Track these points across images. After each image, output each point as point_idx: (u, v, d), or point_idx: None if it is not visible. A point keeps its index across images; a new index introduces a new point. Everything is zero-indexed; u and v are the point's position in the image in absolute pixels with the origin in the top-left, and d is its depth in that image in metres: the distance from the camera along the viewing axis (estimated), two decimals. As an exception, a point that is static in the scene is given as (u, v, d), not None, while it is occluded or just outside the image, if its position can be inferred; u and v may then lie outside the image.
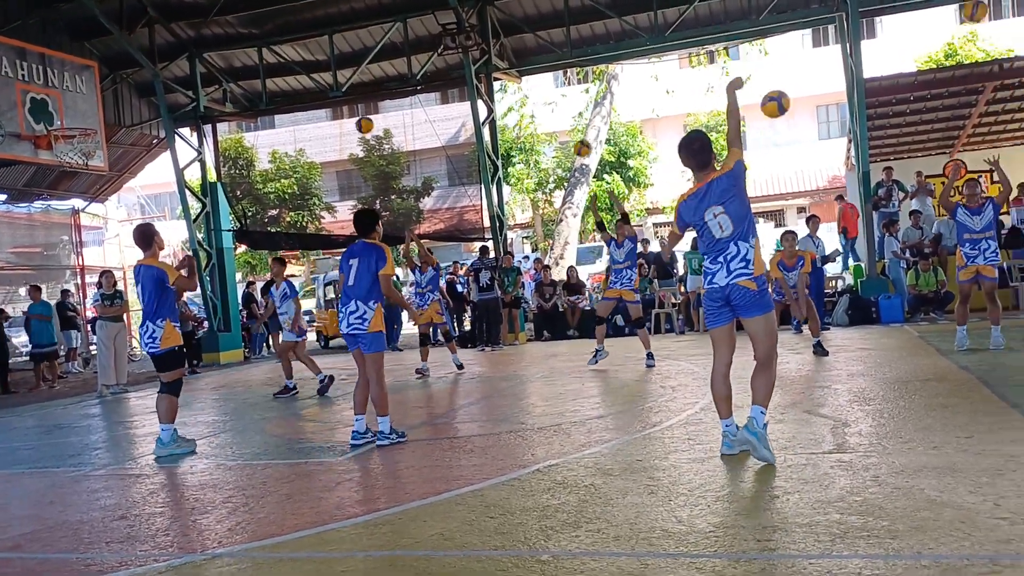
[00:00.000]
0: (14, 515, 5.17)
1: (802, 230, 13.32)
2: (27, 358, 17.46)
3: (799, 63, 30.67)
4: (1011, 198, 16.63)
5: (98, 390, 12.27)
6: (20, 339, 18.85)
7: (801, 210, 30.42)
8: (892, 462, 4.53)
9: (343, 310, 6.32)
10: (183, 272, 6.83)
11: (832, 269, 16.49)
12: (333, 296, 20.10)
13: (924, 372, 7.69)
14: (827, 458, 4.75)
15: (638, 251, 11.20)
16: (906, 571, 3.03)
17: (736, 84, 5.18)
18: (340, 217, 31.28)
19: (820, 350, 9.58)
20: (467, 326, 17.00)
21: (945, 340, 9.74)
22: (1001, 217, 15.56)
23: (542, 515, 4.06)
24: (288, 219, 30.44)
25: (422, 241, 13.39)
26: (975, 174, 17.91)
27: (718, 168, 4.92)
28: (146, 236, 6.69)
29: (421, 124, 25.03)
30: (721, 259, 4.83)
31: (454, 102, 30.30)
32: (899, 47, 27.26)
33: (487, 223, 17.06)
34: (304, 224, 30.26)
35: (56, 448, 7.80)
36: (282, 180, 30.56)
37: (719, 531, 3.64)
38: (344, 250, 6.59)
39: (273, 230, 29.61)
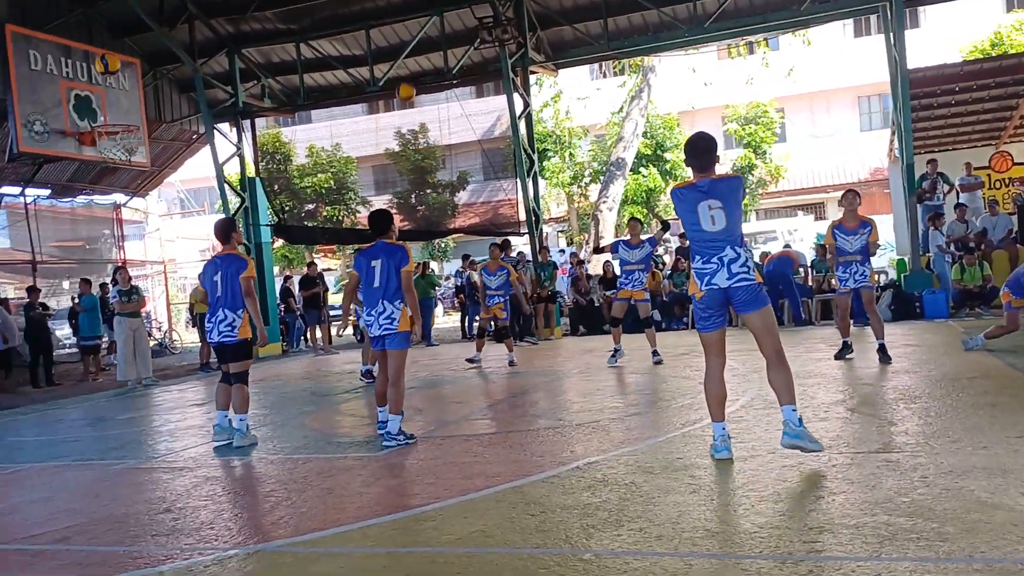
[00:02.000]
0: (60, 508, 5.26)
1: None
2: (71, 350, 17.82)
3: (840, 53, 30.19)
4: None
5: (130, 385, 12.55)
6: (62, 332, 19.22)
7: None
8: (940, 462, 4.43)
9: (372, 312, 6.25)
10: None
11: (876, 263, 16.23)
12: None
13: (971, 369, 7.53)
14: (873, 458, 4.66)
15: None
16: (958, 575, 2.96)
17: None
18: (376, 211, 31.38)
19: (884, 356, 8.39)
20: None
21: (992, 336, 9.51)
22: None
23: (583, 513, 4.04)
24: (324, 213, 30.67)
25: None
26: (1022, 167, 17.55)
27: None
28: (226, 229, 6.99)
29: (457, 118, 25.06)
30: (717, 259, 4.76)
31: (489, 96, 30.30)
32: (944, 37, 26.69)
33: (523, 217, 17.04)
34: (340, 218, 30.46)
35: (100, 441, 7.94)
36: (319, 175, 30.78)
37: (764, 532, 3.58)
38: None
39: (310, 224, 29.86)
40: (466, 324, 17.82)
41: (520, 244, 19.86)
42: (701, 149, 4.90)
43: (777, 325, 4.87)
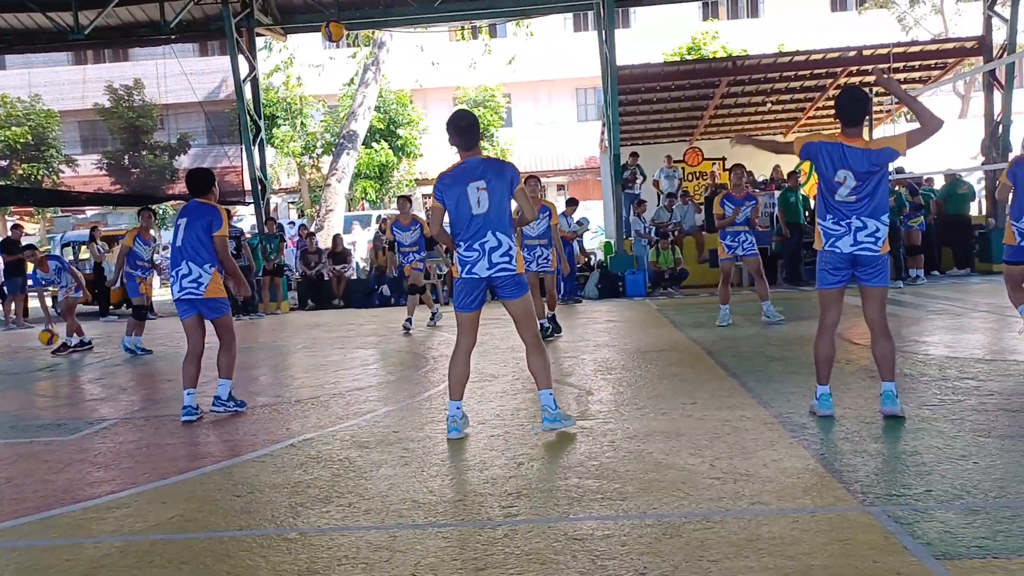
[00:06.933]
0: None
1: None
2: None
3: (561, 46, 31.96)
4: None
5: None
6: None
7: (560, 187, 31.80)
8: (627, 427, 4.90)
9: (174, 273, 5.89)
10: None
11: (588, 245, 17.46)
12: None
13: (660, 343, 8.37)
14: (571, 425, 5.04)
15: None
16: (632, 530, 3.28)
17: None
18: (83, 172, 28.66)
19: (554, 327, 9.21)
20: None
21: (679, 313, 10.64)
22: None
23: (293, 491, 4.00)
24: (20, 171, 27.46)
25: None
26: (710, 162, 19.69)
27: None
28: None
29: (176, 76, 23.37)
30: (478, 247, 4.75)
31: (215, 55, 28.57)
32: (651, 38, 29.16)
33: (248, 186, 16.36)
34: (40, 178, 27.42)
35: None
36: (13, 128, 27.45)
37: (467, 500, 3.77)
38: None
39: (2, 183, 26.61)
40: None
41: (247, 214, 19.04)
42: (464, 127, 4.80)
43: (535, 311, 4.97)
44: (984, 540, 2.97)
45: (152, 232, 10.43)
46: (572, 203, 14.81)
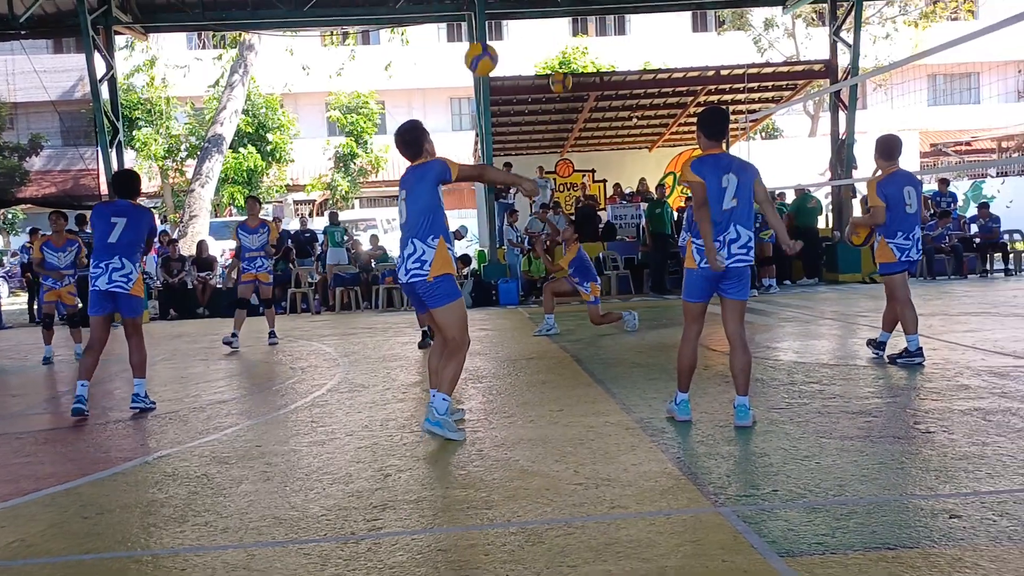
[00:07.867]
0: None
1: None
2: None
3: (435, 55, 32.00)
4: (609, 196, 18.91)
5: None
6: None
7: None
8: (495, 436, 4.95)
9: (103, 265, 6.12)
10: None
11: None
12: None
13: (530, 351, 8.49)
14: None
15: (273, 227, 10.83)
16: (497, 538, 3.31)
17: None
18: (-83, 172, 26.51)
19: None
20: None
21: (551, 322, 10.79)
22: (599, 212, 17.73)
23: (146, 511, 3.83)
24: None
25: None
26: (580, 173, 20.17)
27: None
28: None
29: (27, 73, 22.01)
30: (402, 254, 4.91)
31: (70, 53, 27.10)
32: (523, 51, 29.59)
33: (104, 190, 15.58)
34: None
35: None
36: None
37: (331, 514, 3.70)
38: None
39: None
40: (35, 306, 15.82)
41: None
42: (408, 140, 4.97)
43: (464, 318, 4.97)
44: (823, 537, 3.16)
45: (65, 235, 9.68)
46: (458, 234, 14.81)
